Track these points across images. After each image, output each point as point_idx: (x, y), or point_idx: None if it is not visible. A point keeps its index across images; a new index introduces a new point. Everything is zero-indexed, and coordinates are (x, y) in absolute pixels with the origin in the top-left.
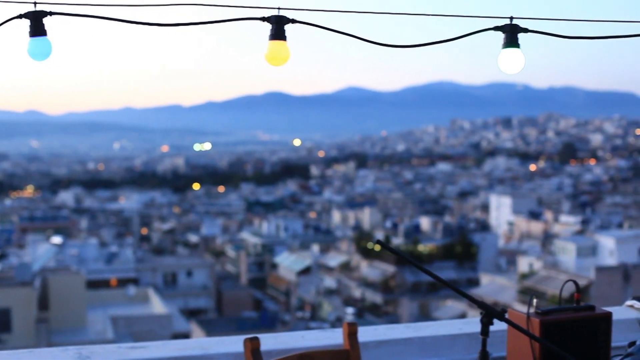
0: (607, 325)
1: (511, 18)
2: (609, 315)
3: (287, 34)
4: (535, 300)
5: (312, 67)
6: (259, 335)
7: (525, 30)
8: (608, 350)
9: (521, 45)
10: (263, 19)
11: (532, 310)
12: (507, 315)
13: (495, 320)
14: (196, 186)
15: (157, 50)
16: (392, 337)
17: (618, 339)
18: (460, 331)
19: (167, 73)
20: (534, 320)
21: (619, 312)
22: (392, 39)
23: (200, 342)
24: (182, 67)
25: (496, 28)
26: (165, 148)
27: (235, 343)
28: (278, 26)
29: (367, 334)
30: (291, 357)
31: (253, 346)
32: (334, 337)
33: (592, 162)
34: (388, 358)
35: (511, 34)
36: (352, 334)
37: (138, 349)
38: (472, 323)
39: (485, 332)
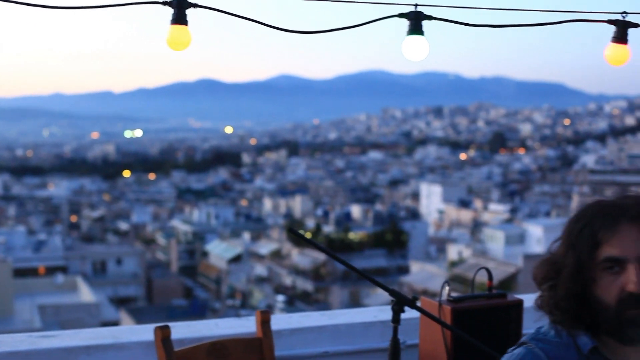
0: (519, 312)
1: (415, 5)
2: (520, 302)
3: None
4: (447, 288)
5: (245, 55)
6: (172, 324)
7: (430, 18)
8: (519, 337)
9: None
10: (164, 2)
11: (444, 297)
12: (419, 303)
13: (410, 308)
14: (127, 173)
15: (88, 35)
16: (305, 325)
17: (530, 326)
18: (374, 319)
19: (98, 59)
20: (445, 307)
21: (533, 300)
22: (317, 25)
23: (111, 330)
24: (113, 53)
25: (400, 15)
26: (95, 135)
27: (146, 331)
28: (179, 10)
29: (280, 322)
30: (203, 346)
31: (163, 335)
32: (248, 326)
33: (522, 151)
34: (302, 346)
35: (415, 21)
36: (265, 322)
37: (48, 338)
38: (387, 311)
39: (396, 319)
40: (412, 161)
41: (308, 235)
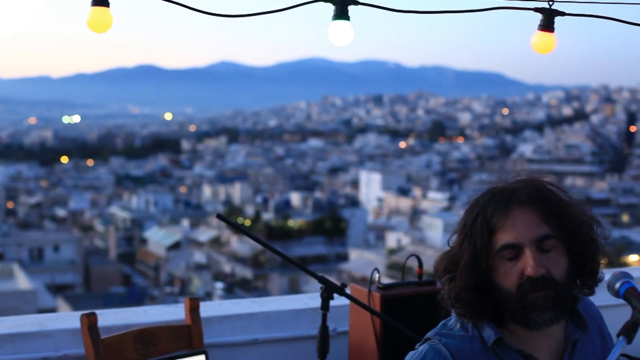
0: None
1: None
2: None
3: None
4: (377, 275)
5: (185, 41)
6: (100, 311)
7: (356, 3)
8: None
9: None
10: None
11: (374, 285)
12: (349, 290)
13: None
14: (64, 159)
15: (24, 18)
16: (235, 312)
17: None
18: (305, 306)
19: (35, 42)
20: (375, 294)
21: None
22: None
23: (37, 318)
24: (51, 36)
25: None
26: (32, 120)
27: (73, 319)
28: None
29: (210, 309)
30: (130, 333)
31: (89, 322)
32: (177, 313)
33: (460, 140)
34: (231, 333)
35: (341, 5)
36: (193, 309)
37: None
38: (318, 298)
39: (325, 306)
40: (351, 149)
41: (247, 223)
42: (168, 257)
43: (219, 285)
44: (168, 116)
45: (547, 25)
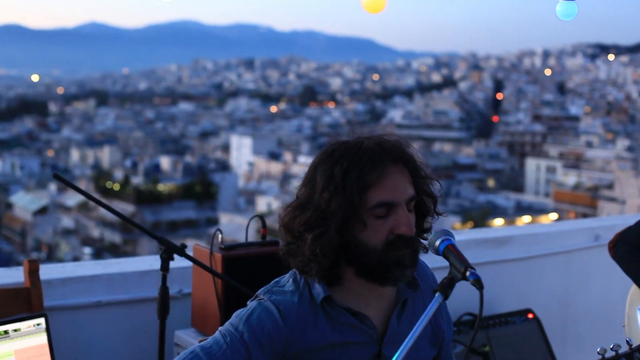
0: None
1: None
2: None
3: None
4: (220, 236)
5: (53, 0)
6: None
7: None
8: None
9: None
10: None
11: (216, 246)
12: (191, 252)
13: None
14: None
15: None
16: (78, 275)
17: None
18: (150, 267)
19: None
20: (216, 255)
21: None
22: None
23: None
24: None
25: None
26: None
27: None
28: None
29: (52, 271)
30: None
31: None
32: (17, 276)
33: (331, 105)
34: (73, 296)
35: None
36: (33, 272)
37: None
38: None
39: (165, 267)
40: (222, 113)
41: (116, 187)
42: (35, 222)
43: (87, 250)
44: (35, 78)
45: None
